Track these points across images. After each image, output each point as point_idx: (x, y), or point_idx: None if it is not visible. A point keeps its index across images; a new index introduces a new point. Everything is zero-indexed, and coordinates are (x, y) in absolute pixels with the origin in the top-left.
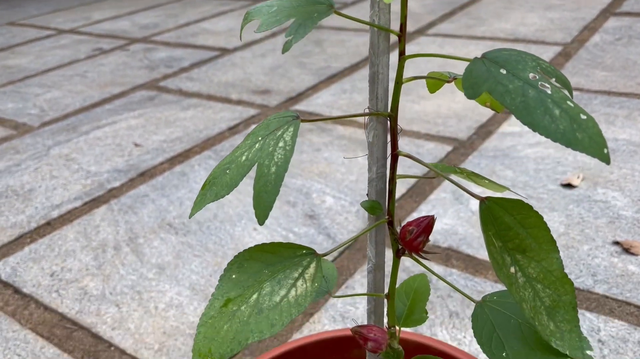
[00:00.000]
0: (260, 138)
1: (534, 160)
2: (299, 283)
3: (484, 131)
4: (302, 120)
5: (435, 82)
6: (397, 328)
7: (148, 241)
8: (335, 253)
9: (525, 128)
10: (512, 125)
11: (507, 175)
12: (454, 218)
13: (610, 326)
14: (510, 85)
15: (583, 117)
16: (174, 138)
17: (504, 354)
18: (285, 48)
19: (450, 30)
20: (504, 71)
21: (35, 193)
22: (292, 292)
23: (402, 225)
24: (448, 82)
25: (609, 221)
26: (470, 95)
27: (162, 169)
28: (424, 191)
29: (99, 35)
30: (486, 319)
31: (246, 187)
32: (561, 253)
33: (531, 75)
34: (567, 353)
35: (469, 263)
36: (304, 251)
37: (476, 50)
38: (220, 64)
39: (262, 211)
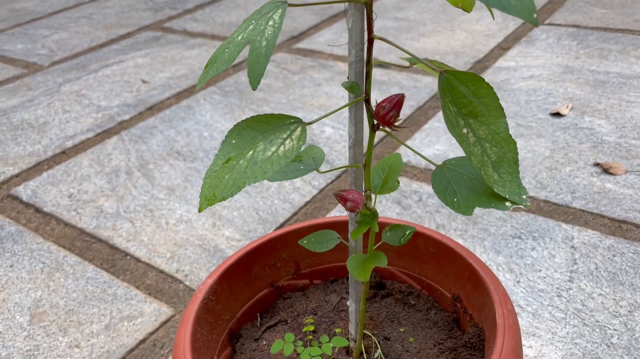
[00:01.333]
0: (253, 21)
1: (526, 92)
2: (287, 141)
3: (480, 66)
4: (290, 5)
5: None
6: (374, 195)
7: (158, 166)
8: (332, 177)
9: (520, 62)
10: (508, 60)
11: None
12: (446, 144)
13: (583, 235)
14: None
15: None
16: (180, 75)
17: (455, 199)
18: None
19: None
20: None
21: (50, 126)
22: (282, 148)
23: (377, 102)
24: None
25: (592, 145)
26: None
27: (169, 103)
28: (419, 121)
29: None
30: (443, 176)
31: None
32: (544, 174)
33: None
34: (507, 196)
35: None
36: (292, 120)
37: None
38: (224, 5)
39: (254, 78)
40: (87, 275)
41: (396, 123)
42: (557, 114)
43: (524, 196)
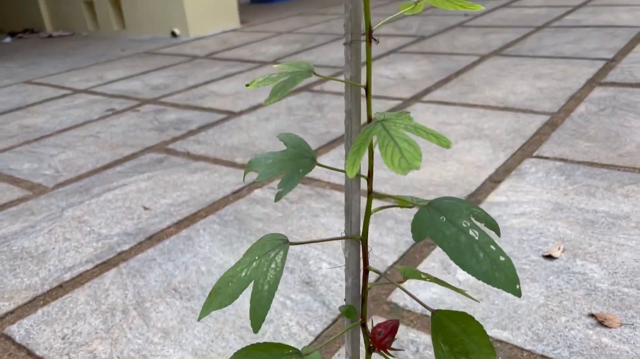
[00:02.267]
0: (257, 257)
1: (518, 231)
2: None
3: (473, 200)
4: (291, 243)
5: (402, 201)
6: None
7: (154, 305)
8: (328, 321)
9: (512, 198)
10: (500, 195)
11: None
12: (441, 287)
13: None
14: (447, 231)
15: (502, 258)
16: (181, 202)
17: None
18: (277, 198)
19: (444, 97)
20: (443, 218)
21: (49, 256)
22: None
23: (373, 326)
24: (410, 207)
25: (585, 293)
26: (416, 239)
27: (169, 233)
28: (414, 259)
29: (112, 96)
30: None
31: None
32: (540, 325)
33: (464, 222)
34: None
35: None
36: (290, 351)
37: (468, 118)
38: (227, 127)
39: (256, 321)
40: None
41: (391, 347)
42: (549, 256)
43: None
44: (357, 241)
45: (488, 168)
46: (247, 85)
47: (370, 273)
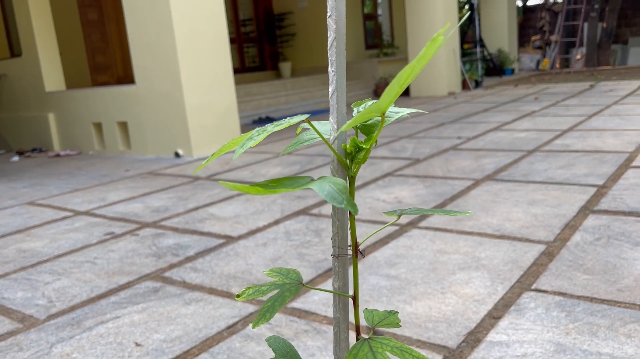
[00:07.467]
0: None
1: None
2: None
3: (473, 338)
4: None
5: None
6: None
7: None
8: None
9: (512, 337)
10: (500, 333)
11: None
12: None
13: None
14: None
15: None
16: (174, 337)
17: None
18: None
19: (440, 224)
20: None
21: None
22: None
23: None
24: None
25: None
26: None
27: None
28: None
29: (112, 218)
30: None
31: None
32: None
33: None
34: None
35: None
36: None
37: (465, 246)
38: (224, 254)
39: None
40: None
41: None
42: None
43: None
44: None
45: (487, 302)
46: (237, 296)
47: None
